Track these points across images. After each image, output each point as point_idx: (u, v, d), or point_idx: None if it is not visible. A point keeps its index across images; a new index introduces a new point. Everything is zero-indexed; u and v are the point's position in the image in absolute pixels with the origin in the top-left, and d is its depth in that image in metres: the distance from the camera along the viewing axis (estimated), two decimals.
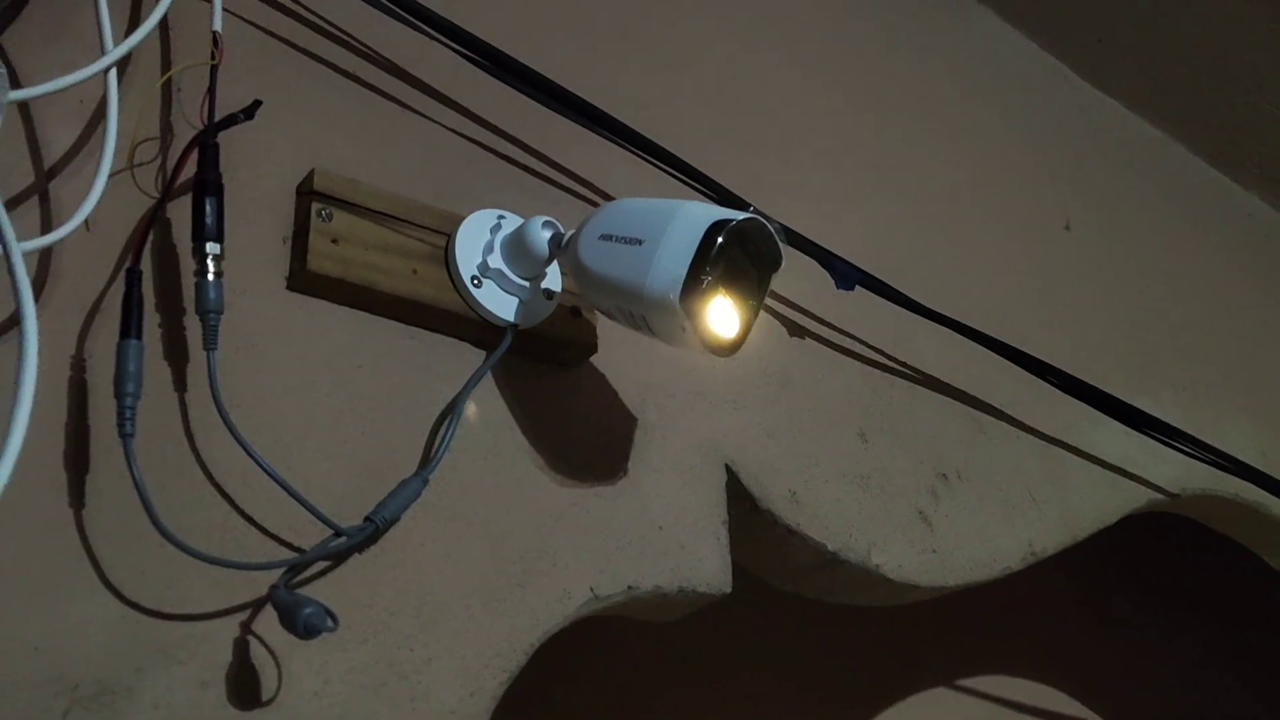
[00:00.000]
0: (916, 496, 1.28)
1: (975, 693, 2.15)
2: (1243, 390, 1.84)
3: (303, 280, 0.91)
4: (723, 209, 0.89)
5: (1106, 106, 2.04)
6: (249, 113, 0.88)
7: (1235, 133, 2.09)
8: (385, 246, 0.95)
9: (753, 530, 1.15)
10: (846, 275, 1.24)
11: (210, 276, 0.83)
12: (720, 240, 0.86)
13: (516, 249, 0.98)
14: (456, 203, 1.02)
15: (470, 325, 0.98)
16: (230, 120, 0.88)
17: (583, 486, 1.02)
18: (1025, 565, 1.36)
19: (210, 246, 0.83)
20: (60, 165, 0.85)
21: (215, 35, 0.89)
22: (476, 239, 0.99)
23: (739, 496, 1.12)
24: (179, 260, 0.86)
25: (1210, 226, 2.07)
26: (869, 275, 1.27)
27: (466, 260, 0.98)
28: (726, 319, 0.90)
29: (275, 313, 0.90)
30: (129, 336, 0.80)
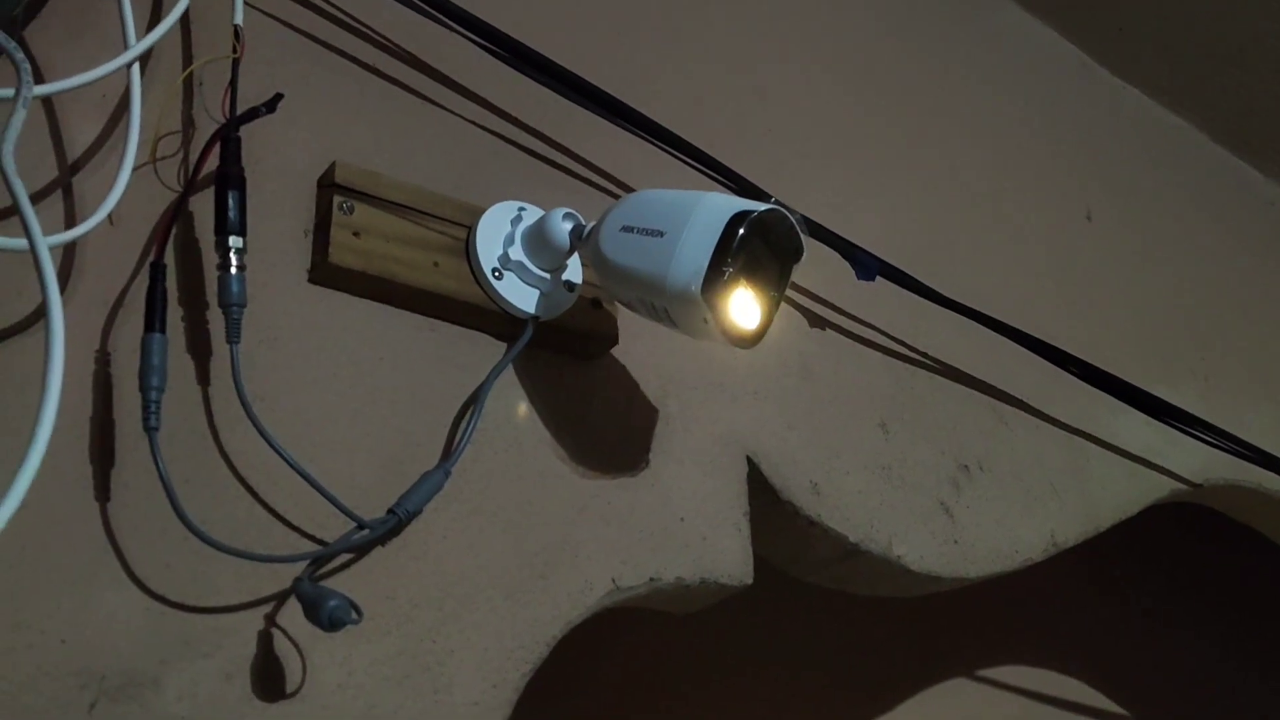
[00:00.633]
0: (938, 487, 1.27)
1: (996, 683, 2.15)
2: (1264, 379, 1.83)
3: (324, 273, 0.91)
4: (744, 200, 0.89)
5: (1127, 95, 2.03)
6: (270, 106, 0.89)
7: (1257, 121, 2.08)
8: (406, 239, 0.95)
9: (774, 521, 1.15)
10: (867, 266, 1.23)
11: (233, 270, 0.83)
12: (742, 231, 0.85)
13: (537, 241, 0.98)
14: (477, 195, 1.02)
15: (491, 317, 0.99)
16: (252, 114, 0.88)
17: (604, 478, 1.02)
18: (1047, 556, 1.36)
19: (233, 240, 0.84)
20: (83, 160, 0.86)
21: (236, 29, 0.90)
22: (497, 231, 0.99)
23: (760, 488, 1.12)
24: (202, 254, 0.87)
25: (1231, 215, 2.06)
26: (889, 266, 1.26)
27: (487, 252, 0.98)
28: (748, 310, 0.89)
29: (297, 306, 0.91)
30: (153, 330, 0.80)
